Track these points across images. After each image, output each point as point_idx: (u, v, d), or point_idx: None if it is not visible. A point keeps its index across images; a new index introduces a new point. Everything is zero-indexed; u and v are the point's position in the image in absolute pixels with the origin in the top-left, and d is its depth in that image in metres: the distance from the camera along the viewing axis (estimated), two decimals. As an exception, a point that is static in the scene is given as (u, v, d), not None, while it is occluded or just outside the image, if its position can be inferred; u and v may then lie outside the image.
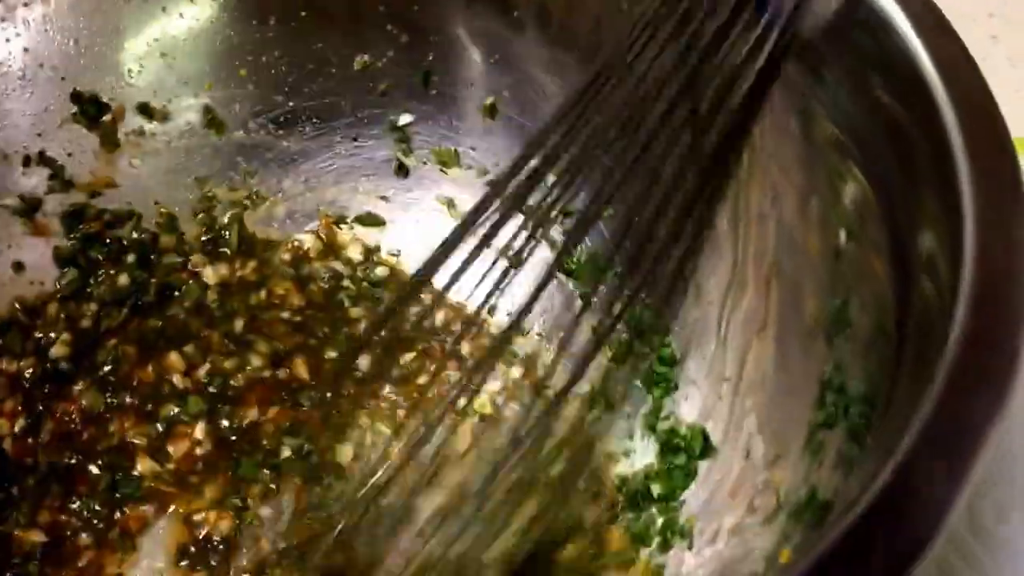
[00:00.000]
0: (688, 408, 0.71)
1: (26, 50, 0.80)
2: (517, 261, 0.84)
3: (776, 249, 0.64)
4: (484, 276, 0.60)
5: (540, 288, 0.58)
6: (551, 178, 0.84)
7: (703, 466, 0.67)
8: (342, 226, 0.89)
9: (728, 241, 0.68)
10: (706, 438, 0.68)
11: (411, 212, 0.89)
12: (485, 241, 0.57)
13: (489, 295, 0.61)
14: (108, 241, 0.84)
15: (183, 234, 0.86)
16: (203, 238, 0.87)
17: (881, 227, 0.52)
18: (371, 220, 0.90)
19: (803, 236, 0.61)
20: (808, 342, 0.60)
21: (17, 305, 0.81)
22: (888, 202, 0.51)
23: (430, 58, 0.85)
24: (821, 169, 0.58)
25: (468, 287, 0.60)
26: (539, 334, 0.83)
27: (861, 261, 0.55)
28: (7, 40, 0.79)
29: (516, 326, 0.60)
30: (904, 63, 0.49)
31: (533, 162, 0.71)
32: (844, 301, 0.56)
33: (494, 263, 0.60)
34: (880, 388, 0.48)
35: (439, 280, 0.59)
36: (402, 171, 0.88)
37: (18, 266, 0.81)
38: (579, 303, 0.81)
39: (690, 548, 0.64)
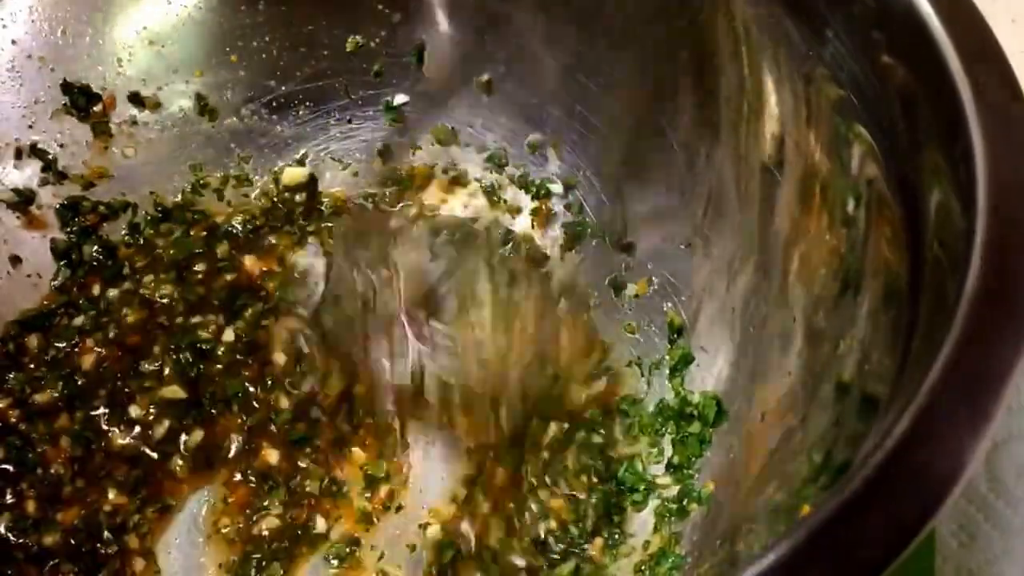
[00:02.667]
0: (700, 376, 0.71)
1: (14, 42, 0.79)
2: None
3: (783, 216, 0.64)
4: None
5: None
6: (551, 151, 0.84)
7: (718, 433, 0.67)
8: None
9: (734, 208, 0.68)
10: (719, 405, 0.68)
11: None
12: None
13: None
14: (102, 237, 0.83)
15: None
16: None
17: (890, 189, 0.51)
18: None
19: (811, 202, 0.61)
20: (819, 307, 0.60)
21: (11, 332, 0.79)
22: (897, 161, 0.51)
23: (423, 36, 0.84)
24: (827, 135, 0.58)
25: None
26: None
27: (871, 224, 0.54)
28: (-6, 31, 0.79)
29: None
30: (907, 17, 0.49)
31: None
32: (856, 265, 0.56)
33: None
34: (895, 349, 0.48)
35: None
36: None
37: (15, 260, 0.80)
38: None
39: (708, 514, 0.64)
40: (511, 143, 0.86)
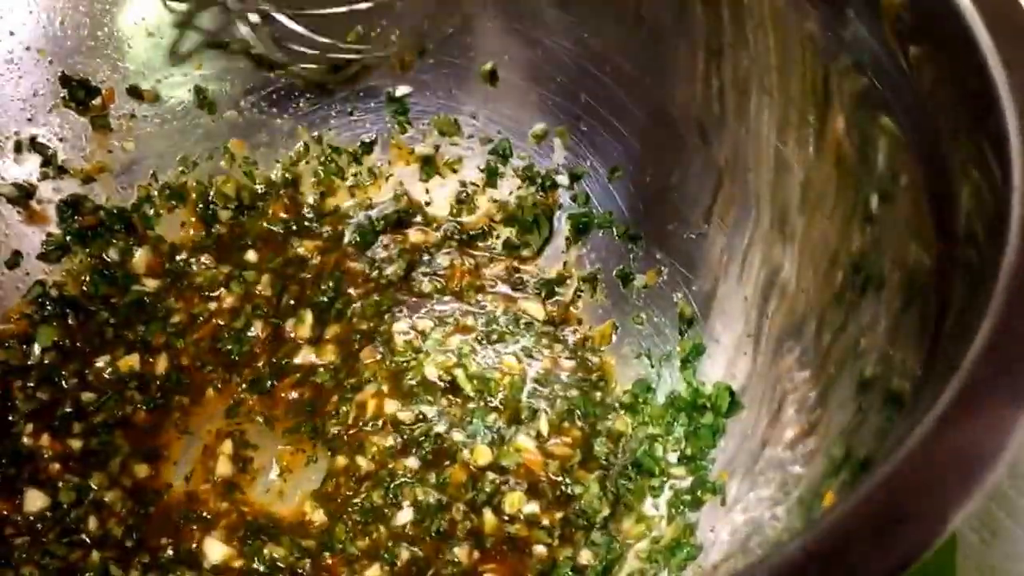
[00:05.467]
0: (712, 367, 0.71)
1: (12, 33, 0.78)
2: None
3: (800, 207, 0.63)
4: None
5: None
6: (557, 141, 0.83)
7: (732, 423, 0.67)
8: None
9: (748, 197, 0.68)
10: (732, 395, 0.67)
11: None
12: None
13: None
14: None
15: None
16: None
17: (919, 176, 0.50)
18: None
19: (830, 195, 0.60)
20: (838, 299, 0.58)
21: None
22: (925, 147, 0.50)
23: (426, 25, 0.83)
24: (848, 127, 0.57)
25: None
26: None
27: (895, 220, 0.53)
28: (-10, 22, 0.77)
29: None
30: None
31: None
32: (877, 260, 0.55)
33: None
34: (920, 346, 0.47)
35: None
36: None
37: (16, 255, 0.79)
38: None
39: (723, 504, 0.63)
40: (515, 134, 0.85)
